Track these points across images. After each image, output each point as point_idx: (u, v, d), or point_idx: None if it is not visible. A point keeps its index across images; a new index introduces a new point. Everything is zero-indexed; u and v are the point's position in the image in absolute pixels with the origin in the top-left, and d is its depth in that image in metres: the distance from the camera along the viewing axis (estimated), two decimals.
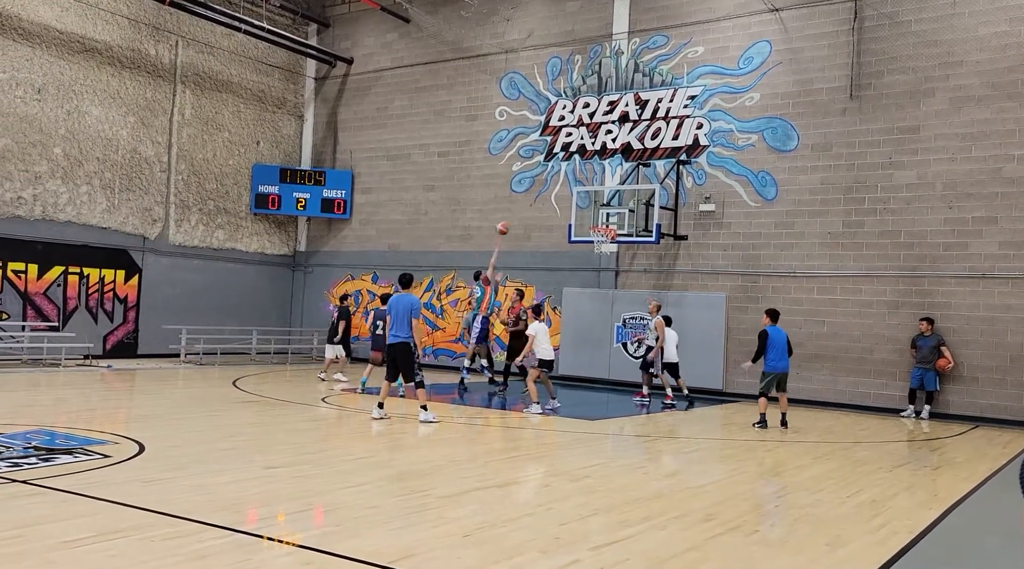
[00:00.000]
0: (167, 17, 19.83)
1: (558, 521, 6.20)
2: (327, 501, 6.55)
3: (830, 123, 16.06)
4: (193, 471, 7.32)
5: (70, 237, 18.12)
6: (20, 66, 17.14)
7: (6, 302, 17.12)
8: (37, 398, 12.37)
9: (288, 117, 22.96)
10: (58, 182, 17.87)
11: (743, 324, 16.68)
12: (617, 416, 13.49)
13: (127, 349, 19.24)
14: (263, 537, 5.39)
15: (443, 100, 20.94)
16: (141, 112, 19.46)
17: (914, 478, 8.79)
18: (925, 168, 15.16)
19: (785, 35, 16.62)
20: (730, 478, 8.33)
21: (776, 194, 16.52)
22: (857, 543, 5.97)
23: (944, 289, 14.92)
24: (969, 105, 14.84)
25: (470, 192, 20.44)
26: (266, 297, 22.50)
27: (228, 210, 21.54)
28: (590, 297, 18.30)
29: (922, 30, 15.33)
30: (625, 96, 18.40)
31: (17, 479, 6.61)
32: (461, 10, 20.56)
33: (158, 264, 19.92)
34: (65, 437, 8.72)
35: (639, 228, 16.44)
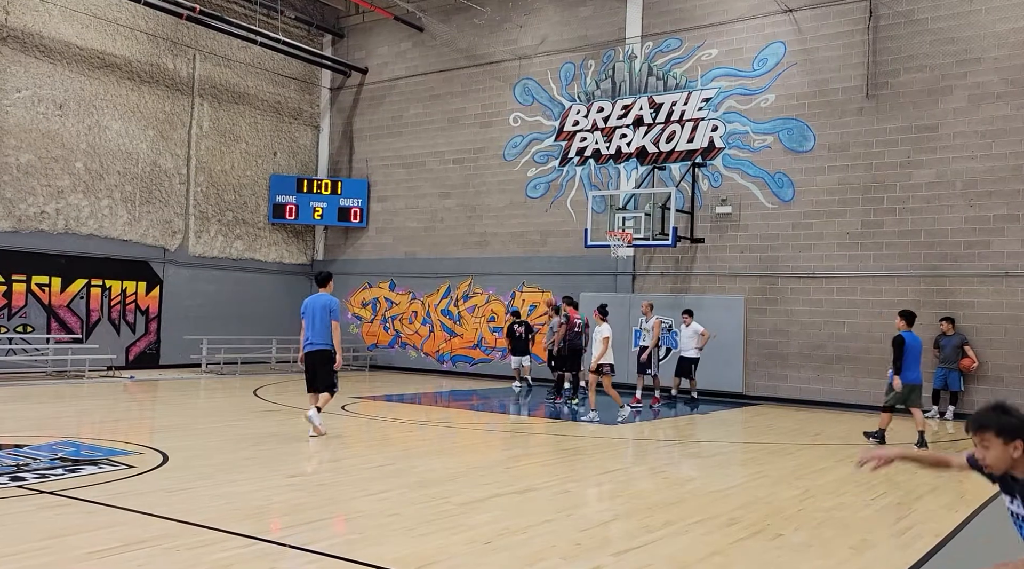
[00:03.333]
0: (185, 31, 20.06)
1: (579, 527, 6.19)
2: (349, 509, 6.58)
3: (847, 123, 15.97)
4: (217, 480, 7.38)
5: (92, 250, 18.34)
6: (42, 83, 17.40)
7: (31, 315, 17.36)
8: (62, 410, 12.52)
9: (304, 127, 23.13)
10: (80, 196, 18.10)
11: (762, 326, 16.60)
12: (636, 420, 13.45)
13: (149, 360, 19.43)
14: (287, 545, 5.43)
15: (457, 107, 21.02)
16: (160, 125, 19.68)
17: (939, 480, 8.70)
18: (944, 166, 15.04)
19: (799, 36, 16.56)
20: (752, 482, 8.29)
21: (793, 195, 16.44)
22: (882, 546, 5.92)
23: (966, 288, 14.77)
24: (988, 102, 14.70)
25: (485, 198, 20.49)
26: (285, 306, 22.59)
27: (246, 220, 21.72)
28: (607, 301, 18.21)
29: (938, 28, 15.22)
30: (639, 100, 18.38)
31: (44, 490, 6.69)
32: (474, 18, 20.64)
33: (178, 275, 20.11)
34: (90, 448, 8.82)
35: (655, 231, 16.41)
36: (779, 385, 16.35)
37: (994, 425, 3.40)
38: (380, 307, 22.19)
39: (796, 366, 16.23)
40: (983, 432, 3.43)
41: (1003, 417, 3.41)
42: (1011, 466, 3.43)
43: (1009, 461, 3.41)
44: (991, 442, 3.41)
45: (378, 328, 22.12)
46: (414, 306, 21.63)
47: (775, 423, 13.45)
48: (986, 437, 3.43)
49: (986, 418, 3.44)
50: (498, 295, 20.26)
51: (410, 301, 21.65)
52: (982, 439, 3.45)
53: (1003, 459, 3.40)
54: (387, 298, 22.11)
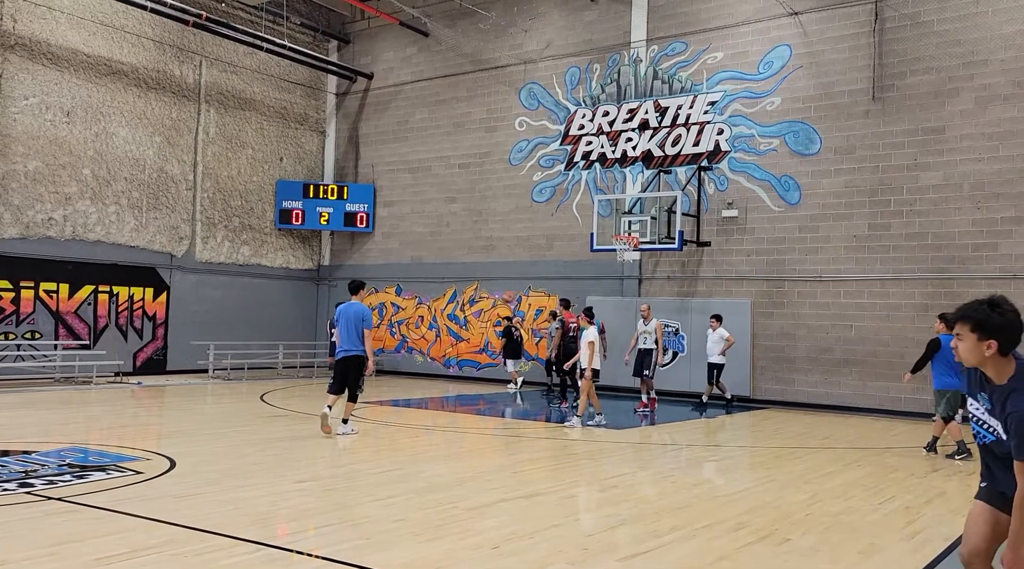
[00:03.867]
0: (191, 38, 20.15)
1: (586, 532, 6.18)
2: (356, 514, 6.58)
3: (853, 126, 15.94)
4: (224, 486, 7.39)
5: (100, 256, 18.41)
6: (50, 90, 17.49)
7: (39, 322, 17.42)
8: (70, 416, 12.56)
9: (310, 133, 23.19)
10: (87, 202, 18.17)
11: (769, 330, 16.56)
12: (643, 425, 13.42)
13: (157, 366, 19.49)
14: (294, 551, 5.43)
15: (463, 112, 21.06)
16: (167, 132, 19.76)
17: (948, 484, 8.66)
18: (952, 169, 14.99)
19: (805, 38, 16.54)
20: (759, 486, 8.26)
21: (800, 198, 16.40)
22: (891, 551, 5.90)
23: (974, 291, 14.69)
24: (995, 104, 14.66)
25: (491, 203, 20.51)
26: (291, 311, 22.69)
27: (253, 226, 21.78)
28: (614, 305, 18.25)
29: (945, 30, 15.18)
30: (645, 103, 18.38)
31: (52, 496, 6.71)
32: (479, 22, 20.68)
33: (185, 281, 20.17)
34: (98, 454, 8.84)
35: (661, 235, 16.39)
36: (786, 389, 16.31)
37: (973, 319, 3.35)
38: (386, 312, 22.22)
39: (803, 370, 16.18)
40: (962, 323, 3.40)
41: (987, 313, 3.35)
42: (981, 363, 3.40)
43: (980, 358, 3.37)
44: (965, 336, 3.38)
45: (384, 333, 22.13)
46: (420, 311, 21.64)
47: (783, 427, 13.40)
48: (963, 329, 3.39)
49: (970, 310, 3.39)
50: (504, 300, 20.25)
51: (416, 306, 21.66)
52: (960, 329, 3.42)
53: (974, 355, 3.37)
54: (393, 303, 22.13)
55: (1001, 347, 3.35)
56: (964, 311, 3.42)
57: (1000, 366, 3.40)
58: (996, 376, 3.41)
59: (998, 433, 3.45)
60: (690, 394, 16.78)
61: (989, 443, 3.57)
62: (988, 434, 3.55)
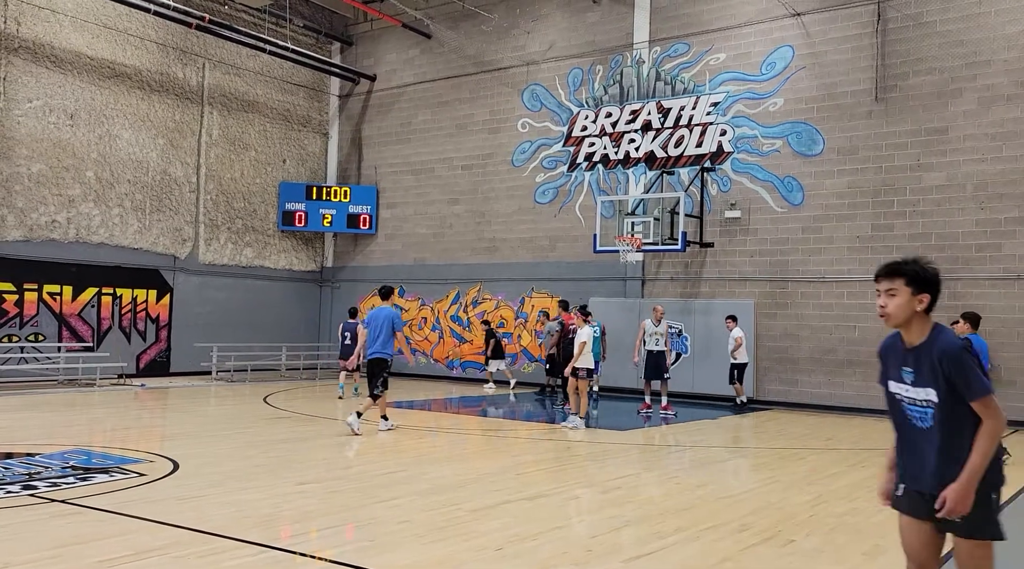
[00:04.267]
0: (194, 41, 20.18)
1: (590, 533, 6.17)
2: (360, 516, 6.58)
3: (856, 126, 15.92)
4: (227, 488, 7.39)
5: (103, 258, 18.44)
6: (53, 93, 17.53)
7: (42, 324, 17.45)
8: (73, 418, 12.58)
9: (313, 135, 23.22)
10: (91, 205, 18.20)
11: (772, 331, 16.54)
12: (646, 426, 13.41)
13: (160, 367, 19.51)
14: (298, 553, 5.43)
15: (466, 114, 21.07)
16: (170, 134, 19.79)
17: None
18: (955, 169, 14.97)
19: (807, 39, 16.52)
20: (763, 487, 8.24)
21: (803, 199, 16.38)
22: (895, 552, 5.85)
23: (978, 291, 14.67)
24: (998, 104, 14.63)
25: (494, 204, 20.51)
26: (294, 313, 22.70)
27: (256, 228, 21.80)
28: (617, 306, 18.25)
29: (947, 30, 15.16)
30: (647, 105, 18.38)
31: (56, 499, 6.72)
32: (481, 24, 20.70)
33: (189, 283, 20.19)
34: (101, 456, 8.85)
35: (664, 236, 16.38)
36: (790, 390, 16.28)
37: (908, 272, 3.29)
38: None
39: (807, 370, 16.15)
40: (894, 277, 3.30)
41: (921, 266, 3.30)
42: (908, 321, 3.29)
43: (911, 313, 3.27)
44: (899, 290, 3.28)
45: None
46: (423, 312, 21.64)
47: (786, 428, 13.38)
48: (896, 283, 3.29)
49: (901, 264, 3.32)
50: (507, 301, 20.26)
51: (419, 307, 21.67)
52: (891, 285, 3.31)
53: (906, 310, 3.27)
54: (396, 304, 22.13)
55: (932, 302, 3.29)
56: (895, 265, 3.32)
57: (924, 323, 3.31)
58: (919, 334, 3.31)
59: (934, 401, 3.25)
60: (694, 395, 16.76)
61: (927, 427, 3.29)
62: (926, 411, 3.30)
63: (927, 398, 3.28)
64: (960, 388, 3.20)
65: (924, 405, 3.30)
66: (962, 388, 3.20)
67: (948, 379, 3.21)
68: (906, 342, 3.39)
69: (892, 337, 3.51)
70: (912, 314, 3.30)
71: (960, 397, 3.20)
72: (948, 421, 3.23)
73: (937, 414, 3.26)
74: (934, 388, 3.24)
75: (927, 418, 3.30)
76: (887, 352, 3.52)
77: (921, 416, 3.33)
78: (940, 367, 3.21)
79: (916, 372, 3.32)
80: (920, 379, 3.30)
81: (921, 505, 3.35)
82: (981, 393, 3.17)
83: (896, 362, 3.42)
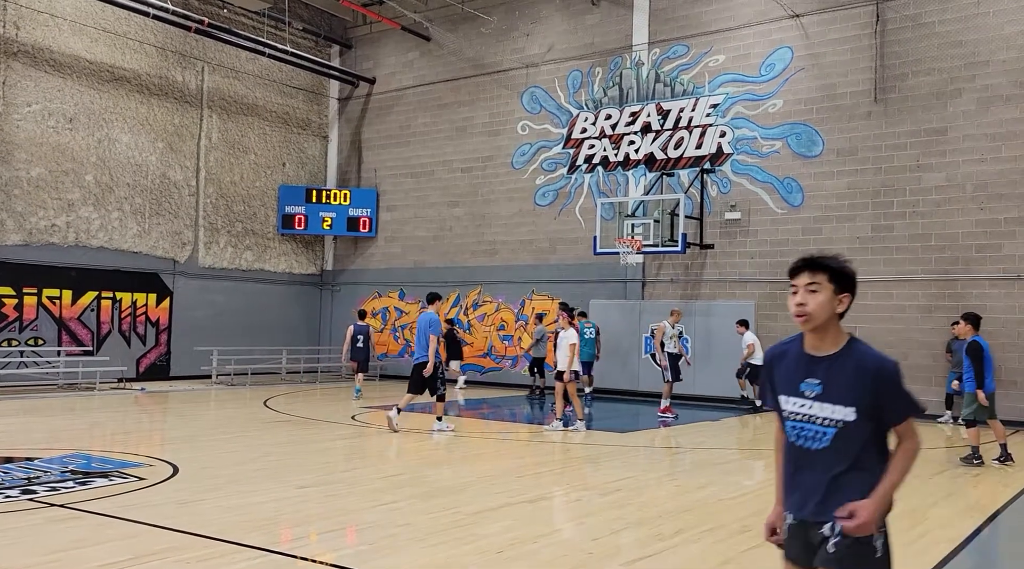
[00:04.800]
0: (193, 44, 20.19)
1: (590, 536, 6.16)
2: (360, 519, 6.57)
3: (855, 127, 15.92)
4: (227, 492, 7.38)
5: (103, 262, 18.43)
6: (52, 97, 17.53)
7: (42, 328, 17.44)
8: (73, 422, 12.56)
9: (313, 138, 23.22)
10: (90, 209, 18.20)
11: (773, 332, 16.50)
12: (647, 428, 13.39)
13: (160, 371, 19.49)
14: (298, 557, 5.41)
15: (465, 116, 21.07)
16: (169, 138, 19.80)
17: (953, 486, 8.62)
18: (954, 170, 14.96)
19: (806, 40, 16.53)
20: (764, 489, 8.23)
21: (802, 200, 16.38)
22: (896, 554, 5.83)
23: (978, 292, 14.67)
24: (997, 105, 14.63)
25: (494, 207, 20.50)
26: (294, 316, 22.70)
27: (256, 231, 21.80)
28: (617, 308, 18.24)
29: (946, 31, 15.17)
30: (647, 106, 18.38)
31: (55, 503, 6.70)
32: (480, 27, 20.71)
33: (188, 287, 20.18)
34: (101, 460, 8.83)
35: (664, 238, 16.38)
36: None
37: (833, 268, 2.91)
38: (390, 316, 22.21)
39: None
40: (817, 271, 2.90)
41: (842, 263, 2.96)
42: (826, 324, 2.87)
43: (830, 315, 2.87)
44: (822, 286, 2.88)
45: (388, 337, 22.13)
46: None
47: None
48: (818, 279, 2.89)
49: (824, 259, 2.94)
50: (507, 303, 20.25)
51: (420, 310, 21.63)
52: (812, 280, 2.90)
53: (826, 309, 2.86)
54: (397, 307, 22.13)
55: (850, 303, 2.91)
56: (819, 260, 2.94)
57: (838, 330, 2.92)
58: (833, 342, 2.89)
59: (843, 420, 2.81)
60: (695, 397, 16.73)
61: (821, 448, 2.86)
62: (824, 431, 2.85)
63: (831, 416, 2.84)
64: (887, 410, 2.81)
65: (824, 423, 2.86)
66: (890, 410, 2.81)
67: (876, 399, 2.79)
68: (813, 350, 2.93)
69: (785, 344, 3.07)
70: (831, 316, 2.89)
71: (874, 420, 2.82)
72: (849, 443, 2.83)
73: (839, 435, 2.83)
74: (851, 406, 2.80)
75: (824, 438, 2.86)
76: (778, 361, 3.06)
77: (815, 435, 2.88)
78: (871, 385, 2.79)
79: (825, 386, 2.86)
80: (829, 394, 2.85)
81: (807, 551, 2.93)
82: (911, 413, 2.83)
83: (794, 373, 2.95)
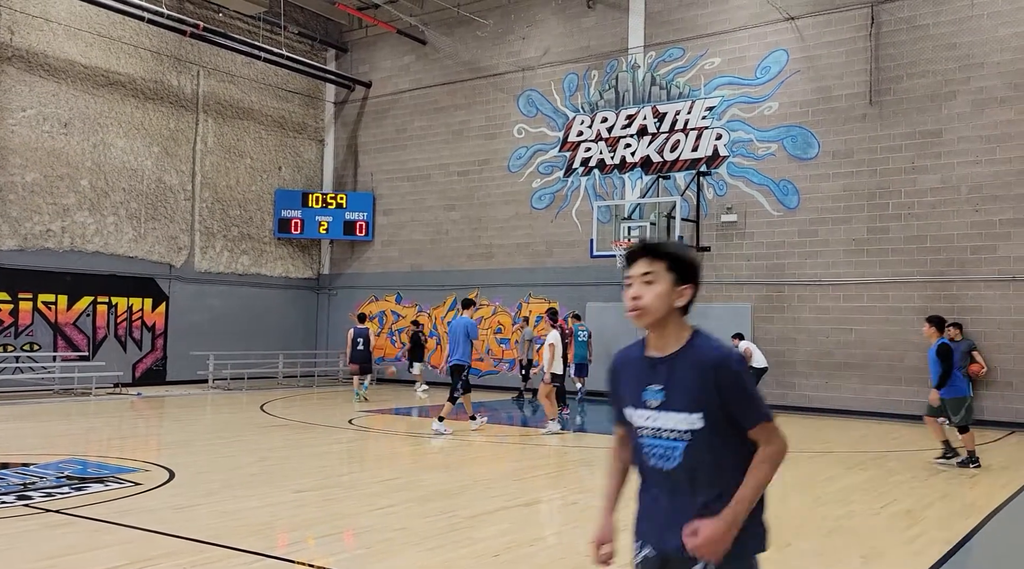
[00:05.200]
0: (188, 48, 20.18)
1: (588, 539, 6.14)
2: (356, 524, 6.55)
3: (850, 129, 15.96)
4: (223, 497, 7.36)
5: (98, 267, 18.39)
6: (47, 102, 17.51)
7: (37, 333, 17.39)
8: (69, 428, 12.53)
9: (309, 142, 23.22)
10: (85, 213, 18.17)
11: (769, 334, 16.54)
12: None
13: (156, 376, 19.45)
14: (294, 561, 5.40)
15: (461, 120, 21.08)
16: (165, 142, 19.78)
17: (949, 487, 8.63)
18: (949, 171, 15.00)
19: (802, 43, 16.57)
20: None
21: (798, 202, 16.41)
22: (892, 555, 5.87)
23: (973, 293, 14.70)
24: (992, 107, 14.67)
25: (491, 210, 20.51)
26: (291, 321, 22.67)
27: (252, 236, 21.77)
28: (614, 311, 18.23)
29: (941, 33, 15.21)
30: (643, 109, 18.41)
31: (50, 509, 6.68)
32: (476, 30, 20.73)
33: (184, 291, 20.15)
34: (97, 466, 8.81)
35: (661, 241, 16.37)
36: (787, 393, 16.28)
37: (672, 256, 2.49)
38: (387, 320, 22.19)
39: (804, 374, 16.16)
40: (654, 259, 2.49)
41: (682, 250, 2.55)
42: (664, 319, 2.48)
43: (669, 309, 2.47)
44: (660, 276, 2.47)
45: (385, 341, 22.11)
46: (420, 319, 21.60)
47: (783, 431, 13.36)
48: (656, 267, 2.47)
49: (663, 245, 2.54)
50: (504, 306, 20.25)
51: (416, 314, 21.63)
52: (649, 269, 2.48)
53: (664, 302, 2.46)
54: (394, 311, 22.11)
55: (693, 296, 2.51)
56: (657, 247, 2.53)
57: (680, 326, 2.51)
58: (674, 339, 2.50)
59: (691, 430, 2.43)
60: None
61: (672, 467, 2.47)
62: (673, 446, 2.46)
63: (678, 427, 2.45)
64: (736, 411, 2.42)
65: (672, 437, 2.46)
66: (740, 411, 2.43)
67: (721, 399, 2.41)
68: (654, 351, 2.54)
69: (629, 348, 2.67)
70: (670, 311, 2.48)
71: (729, 425, 2.43)
72: (704, 458, 2.44)
73: (690, 449, 2.44)
74: (697, 412, 2.42)
75: (674, 455, 2.47)
76: (622, 368, 2.66)
77: (665, 453, 2.49)
78: (712, 383, 2.40)
79: (667, 391, 2.47)
80: (673, 401, 2.46)
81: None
82: (765, 417, 2.46)
83: (636, 380, 2.56)
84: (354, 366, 16.67)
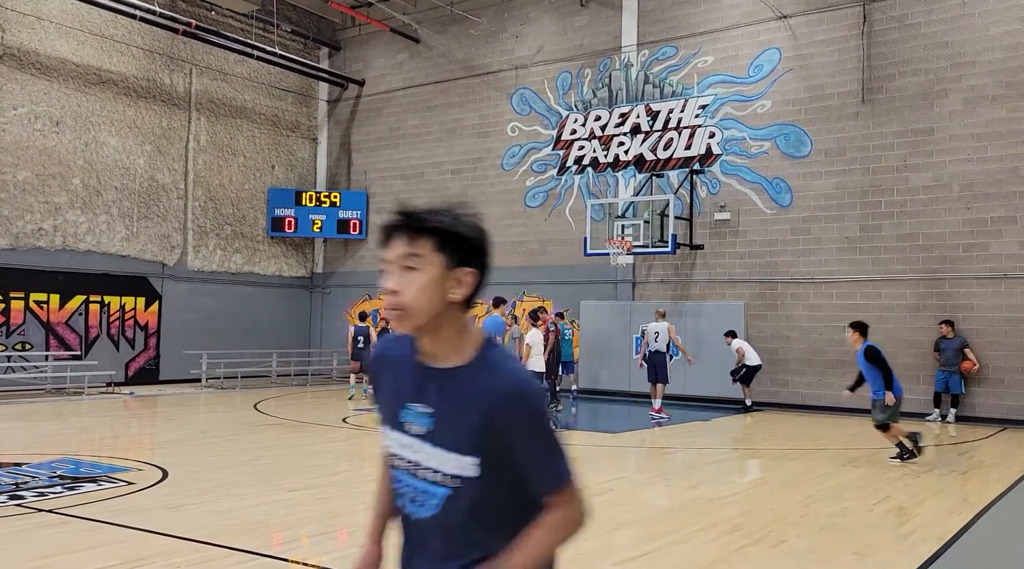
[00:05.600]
0: (181, 46, 20.11)
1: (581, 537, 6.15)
2: (351, 522, 6.55)
3: (843, 128, 16.00)
4: (217, 496, 7.35)
5: (90, 266, 18.32)
6: (39, 100, 17.43)
7: (29, 332, 17.32)
8: (61, 427, 12.49)
9: (302, 140, 23.17)
10: (77, 212, 18.10)
11: (763, 332, 16.58)
12: (637, 429, 13.41)
13: (149, 375, 19.39)
14: (288, 560, 5.40)
15: (455, 118, 21.06)
16: (157, 140, 19.71)
17: (942, 483, 8.67)
18: (941, 170, 15.06)
19: (794, 42, 16.60)
20: (754, 488, 8.26)
21: (791, 200, 16.45)
22: (885, 551, 5.90)
23: (965, 291, 14.76)
24: (983, 105, 14.73)
25: (484, 208, 20.48)
26: (285, 319, 22.62)
27: (245, 234, 21.72)
28: (608, 309, 18.26)
29: (932, 32, 15.26)
30: (636, 108, 18.42)
31: (43, 509, 6.66)
32: (470, 28, 20.71)
33: (177, 290, 20.09)
34: (90, 465, 8.78)
35: (654, 239, 16.41)
36: (780, 390, 16.33)
37: (441, 231, 1.82)
38: (381, 319, 22.15)
39: (797, 371, 16.20)
40: (418, 237, 1.81)
41: (456, 220, 1.86)
42: (436, 319, 1.82)
43: (438, 304, 1.80)
44: (426, 260, 1.80)
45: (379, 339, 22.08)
46: None
47: (776, 429, 13.42)
48: (420, 248, 1.81)
49: (431, 214, 1.84)
50: None
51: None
52: (411, 251, 1.81)
53: (432, 297, 1.80)
54: None
55: (477, 284, 1.85)
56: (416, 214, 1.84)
57: (462, 329, 1.86)
58: (454, 347, 1.84)
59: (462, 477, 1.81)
60: (685, 397, 16.76)
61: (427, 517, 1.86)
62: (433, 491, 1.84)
63: (443, 468, 1.83)
64: (527, 465, 1.81)
65: (433, 480, 1.85)
66: (531, 466, 1.82)
67: (508, 444, 1.79)
68: (427, 358, 1.89)
69: (397, 339, 1.99)
70: (443, 308, 1.82)
71: (516, 479, 1.83)
72: (470, 516, 1.84)
73: (453, 501, 1.83)
74: (471, 455, 1.80)
75: (429, 503, 1.86)
76: (382, 366, 2.00)
77: (419, 497, 1.88)
78: (500, 421, 1.78)
79: (437, 418, 1.84)
80: (441, 433, 1.83)
81: None
82: (565, 480, 1.86)
83: (396, 392, 1.92)
84: (355, 364, 16.69)
